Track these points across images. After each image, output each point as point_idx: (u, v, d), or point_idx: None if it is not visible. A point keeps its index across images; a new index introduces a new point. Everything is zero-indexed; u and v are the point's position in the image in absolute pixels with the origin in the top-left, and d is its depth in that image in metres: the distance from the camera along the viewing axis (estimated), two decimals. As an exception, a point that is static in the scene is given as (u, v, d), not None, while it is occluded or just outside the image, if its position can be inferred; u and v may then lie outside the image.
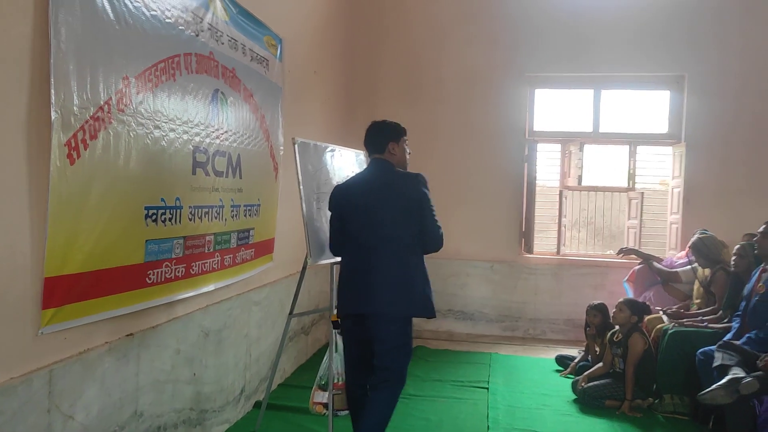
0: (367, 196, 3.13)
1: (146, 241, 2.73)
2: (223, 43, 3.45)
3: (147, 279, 2.77)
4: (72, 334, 2.34)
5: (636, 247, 6.20)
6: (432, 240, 3.11)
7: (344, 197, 3.20)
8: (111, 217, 2.46)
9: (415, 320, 6.68)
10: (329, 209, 3.32)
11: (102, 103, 2.34)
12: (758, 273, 4.07)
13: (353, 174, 4.26)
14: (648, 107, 6.79)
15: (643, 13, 6.27)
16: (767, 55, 6.09)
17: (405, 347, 3.16)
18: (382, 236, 3.07)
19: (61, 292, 2.21)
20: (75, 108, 2.19)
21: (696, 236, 4.97)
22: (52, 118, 2.08)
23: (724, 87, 6.17)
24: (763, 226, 4.05)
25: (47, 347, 2.23)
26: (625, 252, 5.78)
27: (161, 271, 2.88)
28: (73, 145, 2.19)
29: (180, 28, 2.95)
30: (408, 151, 3.34)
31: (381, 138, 3.26)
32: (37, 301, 2.12)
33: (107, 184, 2.42)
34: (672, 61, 6.28)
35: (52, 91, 2.08)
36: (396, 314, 3.08)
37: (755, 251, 4.16)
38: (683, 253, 5.71)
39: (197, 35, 3.13)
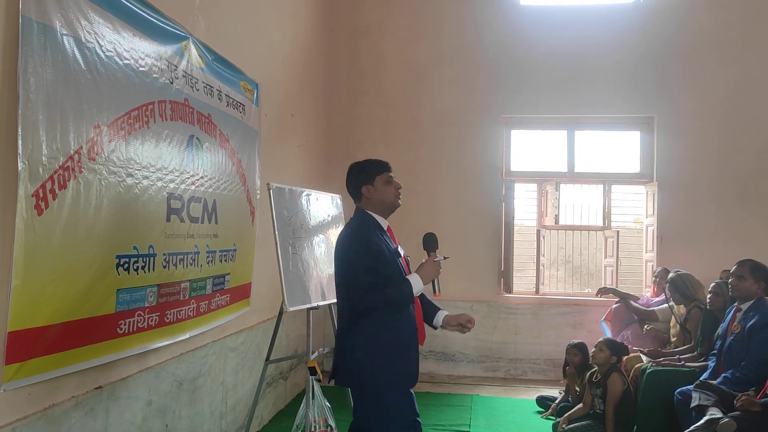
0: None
1: (117, 290, 2.68)
2: (198, 90, 3.47)
3: (118, 329, 2.71)
4: (37, 389, 2.27)
5: (613, 286, 6.24)
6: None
7: None
8: (80, 268, 2.42)
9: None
10: None
11: (72, 152, 2.33)
12: (732, 312, 4.10)
13: (329, 218, 4.27)
14: (621, 147, 6.93)
15: (613, 56, 6.46)
16: (731, 96, 6.30)
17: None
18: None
19: (26, 346, 2.15)
20: (44, 158, 2.17)
21: (673, 272, 5.02)
22: (19, 168, 2.06)
23: (692, 127, 6.34)
24: (735, 266, 4.09)
25: (10, 404, 2.16)
26: (603, 291, 5.82)
27: (133, 321, 2.82)
28: (41, 195, 2.17)
29: (154, 75, 2.96)
30: (397, 185, 2.93)
31: (351, 187, 2.98)
32: (0, 357, 2.06)
33: (77, 234, 2.39)
34: (642, 102, 6.44)
35: (20, 141, 2.06)
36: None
37: (730, 291, 4.19)
38: (649, 293, 5.79)
39: (172, 82, 3.14)
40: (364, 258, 2.67)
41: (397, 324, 2.73)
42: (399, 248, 2.91)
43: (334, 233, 4.27)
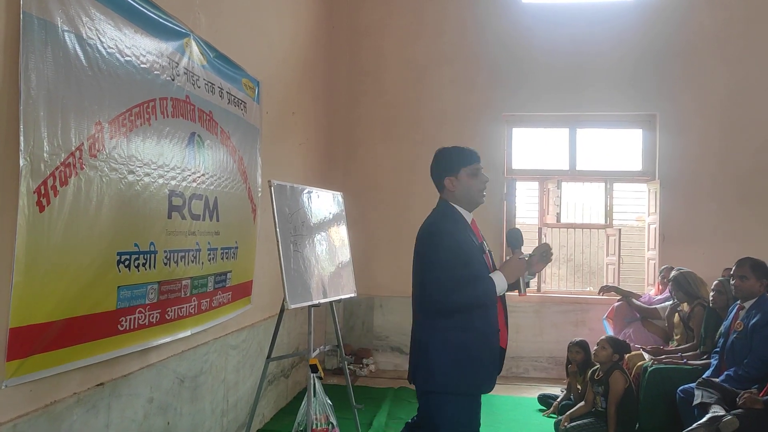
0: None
1: (118, 287, 2.68)
2: (199, 87, 3.46)
3: (119, 326, 2.71)
4: (38, 386, 2.27)
5: (616, 284, 6.24)
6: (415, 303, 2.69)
7: None
8: (82, 265, 2.41)
9: (397, 360, 6.52)
10: None
11: (73, 148, 2.32)
12: (735, 310, 4.09)
13: (332, 215, 4.27)
14: (623, 145, 6.92)
15: (614, 53, 6.45)
16: (732, 95, 6.30)
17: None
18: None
19: (28, 342, 2.14)
20: (45, 154, 2.17)
21: (676, 270, 5.02)
22: (21, 165, 2.05)
23: (693, 125, 6.34)
24: (734, 267, 4.09)
25: (11, 400, 2.15)
26: (605, 290, 5.82)
27: (134, 318, 2.82)
28: (42, 192, 2.16)
29: (155, 72, 2.95)
30: (484, 178, 2.75)
31: (435, 176, 2.79)
32: (1, 353, 2.05)
33: (78, 230, 2.38)
34: (643, 100, 6.44)
35: (21, 137, 2.05)
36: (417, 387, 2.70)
37: (733, 292, 4.19)
38: (654, 290, 5.79)
39: (173, 79, 3.14)
40: (445, 254, 2.53)
41: (475, 324, 2.55)
42: (484, 244, 2.73)
43: (336, 231, 4.27)
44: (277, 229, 3.47)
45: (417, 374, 2.65)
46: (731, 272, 4.13)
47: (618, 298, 5.72)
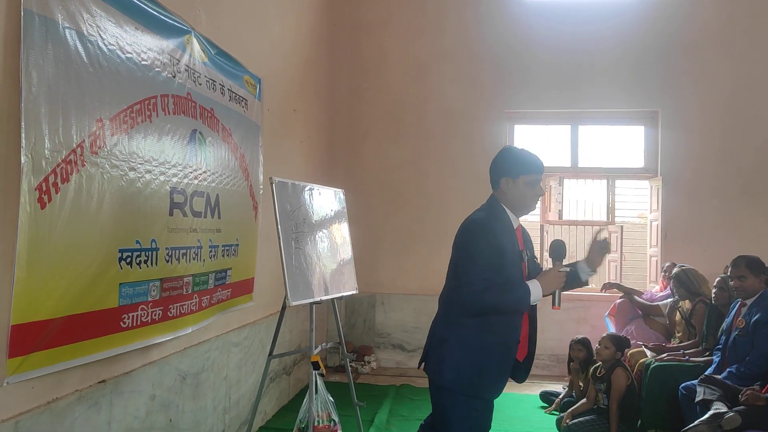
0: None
1: (120, 284, 2.68)
2: (200, 84, 3.46)
3: (121, 323, 2.71)
4: (40, 383, 2.27)
5: (618, 281, 6.23)
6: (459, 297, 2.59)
7: None
8: (83, 261, 2.42)
9: (398, 357, 6.52)
10: None
11: (75, 146, 2.32)
12: (737, 307, 4.09)
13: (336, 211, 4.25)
14: (625, 142, 6.92)
15: (617, 50, 6.44)
16: (735, 91, 6.28)
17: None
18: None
19: (29, 339, 2.14)
20: (46, 151, 2.17)
21: (678, 268, 5.01)
22: (22, 162, 2.05)
23: (696, 122, 6.33)
24: (731, 268, 4.08)
25: (13, 397, 2.16)
26: (607, 287, 5.82)
27: (136, 315, 2.82)
28: (44, 189, 2.16)
29: (156, 69, 2.95)
30: (540, 191, 2.71)
31: (493, 171, 2.74)
32: (3, 350, 2.06)
33: (80, 227, 2.38)
34: (646, 97, 6.43)
35: (23, 134, 2.05)
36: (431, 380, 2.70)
37: (735, 293, 4.18)
38: (658, 287, 5.78)
39: (174, 76, 3.13)
40: (486, 252, 2.49)
41: (496, 329, 2.55)
42: (524, 252, 2.68)
43: (337, 228, 4.27)
44: (279, 227, 3.46)
45: (428, 365, 2.68)
46: (729, 275, 4.13)
47: (620, 295, 5.72)
